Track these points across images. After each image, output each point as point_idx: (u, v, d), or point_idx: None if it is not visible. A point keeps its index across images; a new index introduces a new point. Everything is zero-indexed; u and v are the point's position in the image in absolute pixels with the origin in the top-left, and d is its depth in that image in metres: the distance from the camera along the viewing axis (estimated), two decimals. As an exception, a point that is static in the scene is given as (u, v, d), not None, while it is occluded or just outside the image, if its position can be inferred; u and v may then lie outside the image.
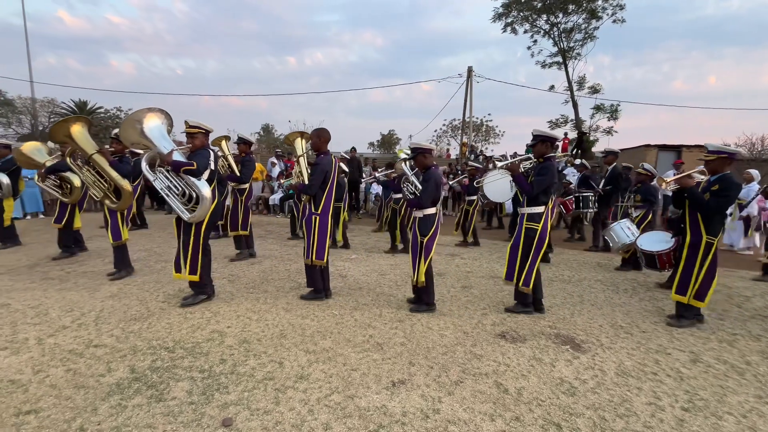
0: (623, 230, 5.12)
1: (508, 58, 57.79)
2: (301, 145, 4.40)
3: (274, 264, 5.49)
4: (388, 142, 31.97)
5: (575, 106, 19.88)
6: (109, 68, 55.36)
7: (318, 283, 3.99)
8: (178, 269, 3.73)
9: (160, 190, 3.62)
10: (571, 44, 19.24)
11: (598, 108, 19.91)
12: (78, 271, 4.94)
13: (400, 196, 6.40)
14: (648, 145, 15.26)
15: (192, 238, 3.66)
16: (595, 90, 19.91)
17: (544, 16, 19.01)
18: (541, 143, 3.57)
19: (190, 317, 3.48)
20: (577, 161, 11.03)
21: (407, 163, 4.17)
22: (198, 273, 3.72)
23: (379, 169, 9.45)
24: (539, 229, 3.54)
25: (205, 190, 3.59)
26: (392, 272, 5.18)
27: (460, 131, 22.32)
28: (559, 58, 19.63)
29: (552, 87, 20.67)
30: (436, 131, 29.37)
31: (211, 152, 3.75)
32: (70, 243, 5.72)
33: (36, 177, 5.82)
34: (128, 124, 3.57)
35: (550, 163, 3.53)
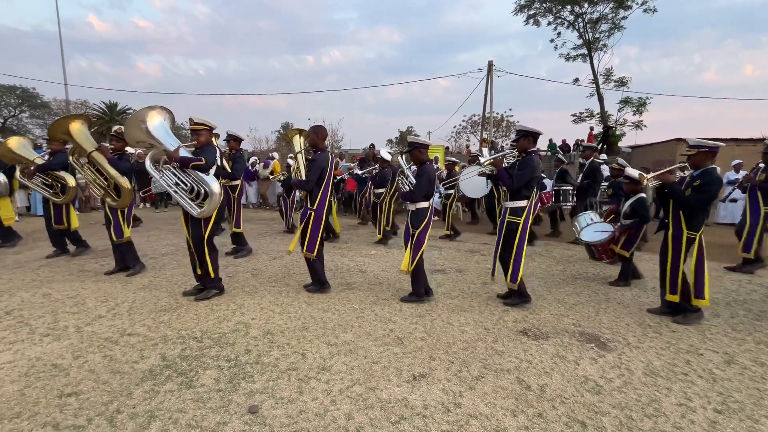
0: (586, 221, 5.17)
1: (528, 51, 56.54)
2: (299, 143, 4.46)
3: (295, 259, 5.58)
4: (406, 138, 31.89)
5: (601, 99, 19.24)
6: (136, 70, 57.58)
7: (320, 276, 4.11)
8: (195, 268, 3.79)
9: (167, 188, 3.63)
10: (597, 35, 18.60)
11: (625, 101, 19.20)
12: (111, 264, 5.17)
13: (381, 190, 6.79)
14: (679, 139, 14.59)
15: (201, 233, 3.69)
16: (622, 83, 19.20)
17: (569, 7, 18.44)
18: (524, 138, 3.64)
19: (216, 309, 3.60)
20: (603, 156, 10.70)
21: (403, 157, 4.21)
22: (209, 267, 3.77)
23: (351, 165, 9.71)
24: (521, 222, 3.56)
25: (215, 185, 3.61)
26: (412, 268, 5.18)
27: (480, 127, 22.00)
28: (584, 50, 19.02)
29: (576, 80, 20.08)
30: (455, 127, 29.05)
31: (217, 148, 3.81)
32: (80, 238, 5.65)
33: (18, 173, 5.52)
34: (132, 124, 3.56)
35: (531, 157, 3.58)
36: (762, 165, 5.12)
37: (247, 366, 2.58)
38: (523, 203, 3.58)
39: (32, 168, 5.20)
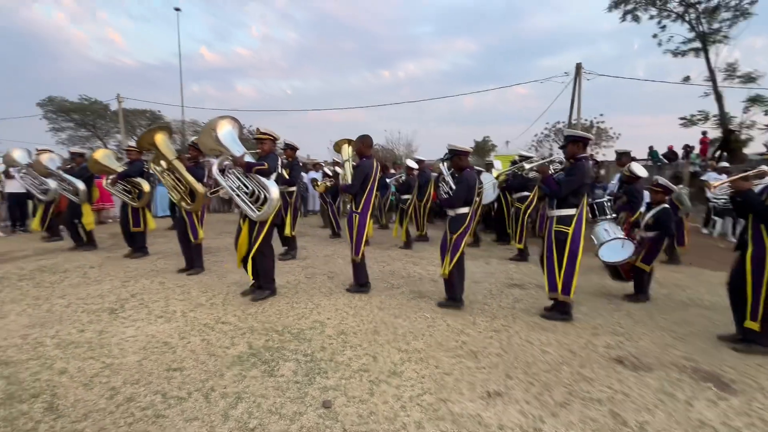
0: (602, 230, 4.77)
1: (623, 51, 51.10)
2: (347, 151, 4.63)
3: (369, 264, 5.70)
4: (482, 149, 30.87)
5: (719, 99, 16.43)
6: (236, 92, 65.27)
7: (362, 277, 4.32)
8: (245, 265, 3.92)
9: (230, 191, 3.87)
10: (716, 25, 16.04)
11: (753, 100, 16.16)
12: (211, 260, 5.86)
13: (407, 196, 7.17)
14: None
15: (256, 235, 3.85)
16: (750, 78, 16.22)
17: (678, -3, 16.26)
18: (572, 144, 3.52)
19: (296, 306, 3.84)
20: (724, 164, 9.15)
21: (444, 163, 4.19)
22: (261, 268, 3.93)
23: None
24: (570, 232, 3.41)
25: (274, 189, 3.78)
26: (486, 281, 4.95)
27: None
28: (697, 44, 16.54)
29: (687, 78, 17.49)
30: (536, 135, 27.25)
31: (279, 157, 4.02)
32: (145, 243, 6.07)
33: (105, 181, 6.00)
34: (205, 133, 3.85)
35: (582, 163, 3.44)
36: None
37: (322, 362, 2.69)
38: (571, 211, 3.44)
39: (114, 176, 5.71)
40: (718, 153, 13.80)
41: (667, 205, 4.24)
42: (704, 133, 15.20)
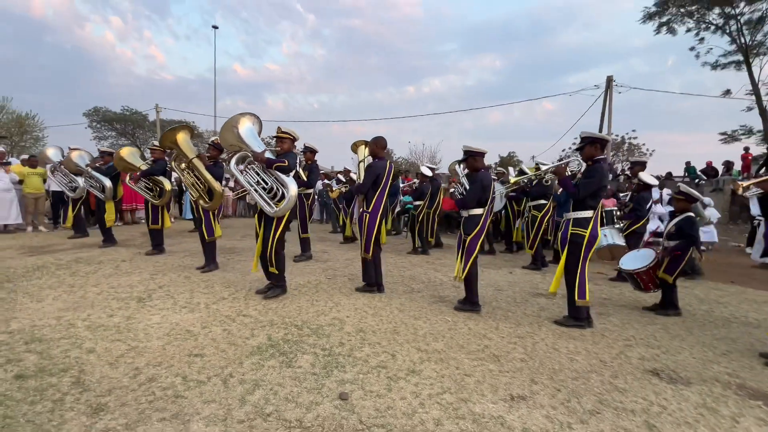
0: (601, 236, 4.64)
1: (655, 67, 49.61)
2: (363, 152, 4.64)
3: (389, 269, 5.66)
4: (507, 164, 30.45)
5: (764, 113, 15.62)
6: (266, 106, 67.75)
7: (371, 277, 4.24)
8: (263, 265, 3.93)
9: (248, 186, 3.85)
10: (759, 37, 15.36)
11: (801, 115, 15.25)
12: (235, 258, 6.00)
13: (419, 202, 7.18)
14: None
15: (272, 232, 3.84)
16: (797, 92, 15.35)
17: (717, 9, 15.72)
18: (590, 145, 3.44)
19: (316, 304, 3.83)
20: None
21: (460, 165, 4.18)
22: (275, 265, 3.90)
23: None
24: (587, 234, 3.35)
25: (293, 187, 3.76)
26: (510, 289, 4.80)
27: (595, 148, 19.72)
28: (739, 57, 15.86)
29: (727, 92, 16.75)
30: (564, 150, 26.64)
31: (298, 156, 4.06)
32: (162, 241, 6.19)
33: (128, 179, 6.13)
34: (226, 129, 3.86)
35: (600, 165, 3.40)
36: None
37: (340, 357, 2.66)
38: (588, 213, 3.38)
39: (138, 173, 5.88)
40: (762, 170, 13.00)
41: (691, 214, 4.04)
42: (746, 149, 14.42)
